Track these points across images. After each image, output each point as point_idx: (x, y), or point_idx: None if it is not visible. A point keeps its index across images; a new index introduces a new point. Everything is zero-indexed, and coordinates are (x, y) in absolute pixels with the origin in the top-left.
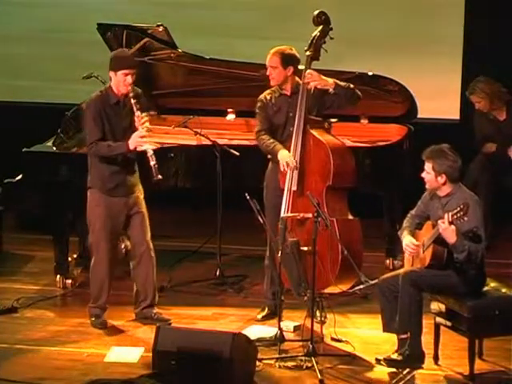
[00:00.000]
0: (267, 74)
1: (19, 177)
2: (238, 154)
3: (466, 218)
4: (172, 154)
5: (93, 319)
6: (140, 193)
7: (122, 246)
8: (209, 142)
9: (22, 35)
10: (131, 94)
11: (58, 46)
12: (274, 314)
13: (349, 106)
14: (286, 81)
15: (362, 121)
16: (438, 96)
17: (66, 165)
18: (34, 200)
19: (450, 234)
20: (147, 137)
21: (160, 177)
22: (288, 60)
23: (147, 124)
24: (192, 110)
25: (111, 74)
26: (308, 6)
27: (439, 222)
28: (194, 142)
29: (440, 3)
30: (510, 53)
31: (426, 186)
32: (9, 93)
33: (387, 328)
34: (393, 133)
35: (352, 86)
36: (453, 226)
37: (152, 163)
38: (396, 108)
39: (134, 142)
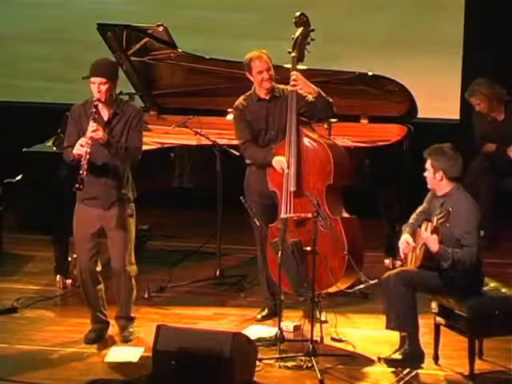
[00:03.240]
0: (264, 77)
1: (19, 177)
2: (238, 153)
3: (447, 225)
4: (172, 154)
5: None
6: (124, 210)
7: None
8: (209, 142)
9: (22, 35)
10: (95, 103)
11: (58, 45)
12: (274, 313)
13: (319, 117)
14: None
15: (362, 121)
16: (438, 96)
17: (66, 165)
18: (34, 200)
19: (432, 243)
20: (87, 146)
21: (77, 186)
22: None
23: (99, 134)
24: (192, 109)
25: None
26: (308, 6)
27: (422, 229)
28: (194, 142)
29: (440, 3)
30: (510, 53)
31: (428, 186)
32: (9, 93)
33: (389, 325)
34: (393, 133)
35: (331, 100)
36: (434, 236)
37: (80, 171)
38: (396, 108)
39: (75, 147)
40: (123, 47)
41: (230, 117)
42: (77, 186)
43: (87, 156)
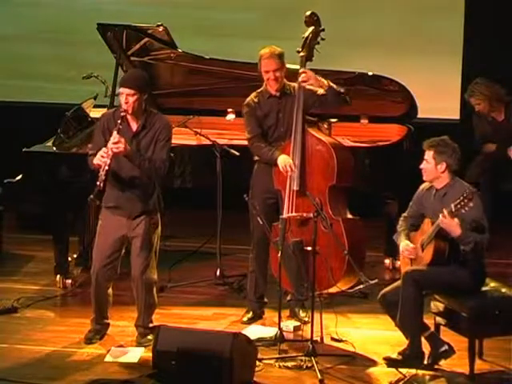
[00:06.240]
0: (270, 77)
1: (19, 177)
2: (238, 153)
3: (471, 204)
4: (172, 154)
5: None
6: (149, 221)
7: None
8: (209, 142)
9: (22, 35)
10: (122, 114)
11: (58, 46)
12: (259, 317)
13: (332, 108)
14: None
15: (362, 121)
16: (438, 96)
17: (65, 165)
18: (34, 200)
19: (454, 227)
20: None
21: (92, 198)
22: (284, 59)
23: (120, 147)
24: (192, 109)
25: None
26: (308, 6)
27: (440, 216)
28: (194, 142)
29: (440, 3)
30: (510, 53)
31: (424, 178)
32: (9, 93)
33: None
34: (393, 133)
35: (343, 90)
36: (456, 219)
37: (98, 183)
38: (396, 108)
39: (96, 157)
40: (123, 47)
41: (229, 117)
42: (92, 197)
43: (106, 167)
